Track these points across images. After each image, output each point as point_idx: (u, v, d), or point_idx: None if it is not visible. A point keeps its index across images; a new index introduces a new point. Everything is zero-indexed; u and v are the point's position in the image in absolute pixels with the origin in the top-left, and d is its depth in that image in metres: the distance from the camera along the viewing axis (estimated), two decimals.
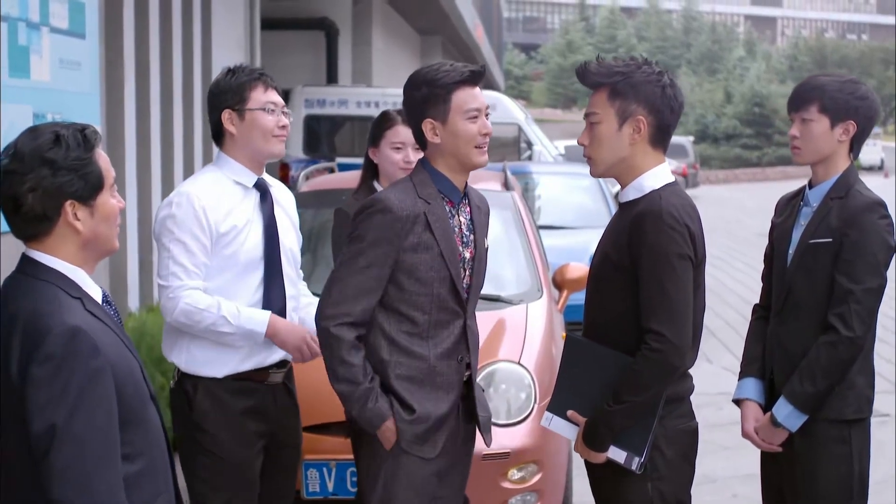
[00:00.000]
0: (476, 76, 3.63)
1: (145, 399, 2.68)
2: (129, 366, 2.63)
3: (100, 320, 2.61)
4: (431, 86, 3.58)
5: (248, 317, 3.87)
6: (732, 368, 10.00)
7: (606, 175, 3.56)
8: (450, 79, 3.58)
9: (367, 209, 3.56)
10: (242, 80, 3.97)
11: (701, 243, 3.45)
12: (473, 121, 3.60)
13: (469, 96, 3.60)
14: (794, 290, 3.87)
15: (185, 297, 3.84)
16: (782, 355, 3.89)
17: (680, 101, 3.51)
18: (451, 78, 3.58)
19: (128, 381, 2.60)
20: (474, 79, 3.62)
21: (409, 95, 3.63)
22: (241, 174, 4.00)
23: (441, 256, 3.57)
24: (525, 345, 5.23)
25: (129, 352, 2.66)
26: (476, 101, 3.61)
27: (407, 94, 3.64)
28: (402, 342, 3.59)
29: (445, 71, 3.59)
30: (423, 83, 3.60)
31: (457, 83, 3.58)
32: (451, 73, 3.59)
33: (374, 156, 4.71)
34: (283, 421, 4.07)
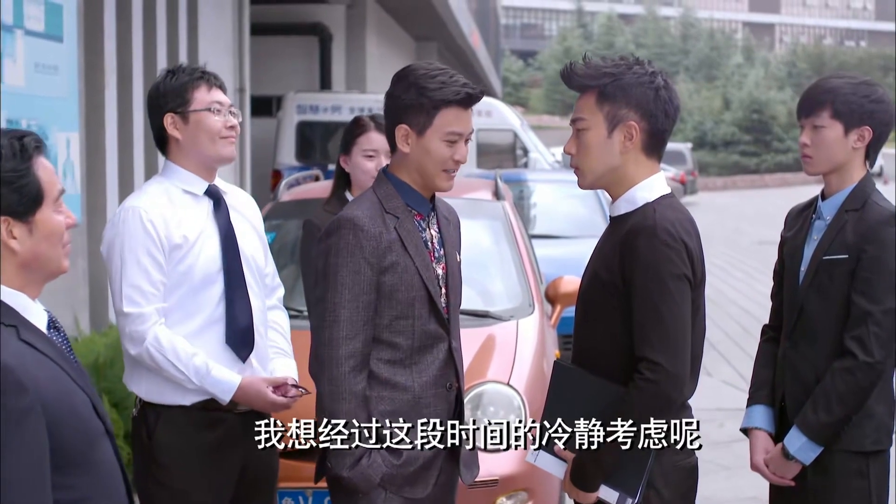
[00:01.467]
0: (471, 100, 3.30)
1: (94, 437, 2.42)
2: (70, 402, 2.36)
3: (38, 351, 2.35)
4: (420, 94, 3.26)
5: (216, 380, 3.57)
6: (733, 382, 9.76)
7: (595, 186, 3.24)
8: (442, 95, 3.25)
9: (335, 232, 3.24)
10: (183, 80, 3.69)
11: (700, 262, 3.13)
12: (451, 145, 3.29)
13: (456, 119, 3.28)
14: (806, 310, 3.58)
15: (150, 337, 3.55)
16: (794, 381, 3.60)
17: (676, 105, 3.18)
18: (443, 94, 3.25)
19: (67, 419, 2.33)
20: (469, 102, 3.30)
21: (394, 93, 3.31)
22: (189, 182, 3.71)
23: (418, 274, 3.27)
24: (515, 364, 4.94)
25: (74, 385, 2.40)
26: (461, 125, 3.29)
27: (392, 91, 3.32)
28: (383, 373, 3.27)
29: (441, 83, 3.26)
30: (413, 87, 3.27)
31: (448, 102, 3.26)
32: (445, 90, 3.26)
33: (346, 164, 4.43)
34: (256, 451, 3.76)
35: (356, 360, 3.21)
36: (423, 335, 3.29)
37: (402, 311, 3.25)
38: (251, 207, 3.91)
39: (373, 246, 3.21)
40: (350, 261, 3.20)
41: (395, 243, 3.25)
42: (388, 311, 3.24)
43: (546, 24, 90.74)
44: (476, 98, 3.30)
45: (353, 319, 3.20)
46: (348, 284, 3.20)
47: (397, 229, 3.26)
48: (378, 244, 3.22)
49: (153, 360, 3.56)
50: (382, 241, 3.23)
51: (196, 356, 3.56)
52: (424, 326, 3.29)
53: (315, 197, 6.08)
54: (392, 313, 3.25)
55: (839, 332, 3.51)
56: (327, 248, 3.24)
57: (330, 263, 3.23)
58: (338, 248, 3.22)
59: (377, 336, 3.25)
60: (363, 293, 3.21)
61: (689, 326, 3.04)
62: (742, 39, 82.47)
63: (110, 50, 8.85)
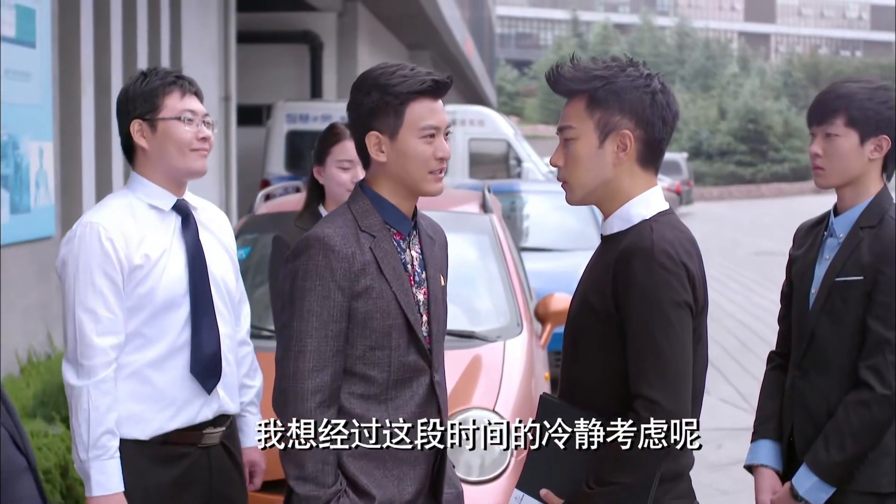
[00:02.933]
0: (440, 87, 2.98)
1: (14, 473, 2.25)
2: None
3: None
4: (383, 92, 2.94)
5: (103, 471, 3.22)
6: (731, 400, 9.48)
7: (586, 202, 2.91)
8: (406, 87, 2.93)
9: (303, 253, 2.91)
10: (155, 84, 3.39)
11: (702, 286, 2.80)
12: (429, 141, 2.96)
13: (427, 111, 2.96)
14: (817, 336, 3.27)
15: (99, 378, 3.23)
16: (804, 414, 3.30)
17: (674, 111, 2.85)
18: (408, 86, 2.93)
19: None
20: (437, 90, 2.98)
21: (355, 100, 3.00)
22: (156, 196, 3.41)
23: (395, 300, 2.94)
24: (501, 389, 4.64)
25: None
26: (435, 118, 2.96)
27: (353, 99, 3.00)
28: (355, 409, 2.93)
29: (402, 76, 2.94)
30: (374, 88, 2.96)
31: (415, 94, 2.94)
32: (409, 81, 2.94)
33: (319, 175, 4.12)
34: (223, 489, 3.46)
35: (324, 394, 2.88)
36: (401, 368, 2.97)
37: (377, 340, 2.94)
38: (223, 225, 3.61)
39: (345, 268, 2.90)
40: (319, 285, 2.89)
41: (369, 265, 2.93)
42: (362, 341, 2.93)
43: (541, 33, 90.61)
44: (444, 85, 2.99)
45: (321, 350, 2.88)
46: (316, 311, 2.89)
47: (373, 250, 2.94)
48: (350, 266, 2.90)
49: (82, 402, 3.24)
50: (356, 262, 2.91)
51: (113, 439, 3.25)
52: (402, 358, 2.97)
53: (294, 210, 5.78)
54: (366, 343, 2.93)
55: (853, 360, 3.20)
56: (294, 270, 2.92)
57: (297, 287, 2.91)
58: (306, 270, 2.90)
59: (349, 368, 2.93)
60: (333, 321, 2.89)
61: (690, 359, 2.72)
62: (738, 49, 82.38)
63: (87, 56, 8.57)
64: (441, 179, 3.02)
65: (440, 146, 2.98)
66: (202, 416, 3.39)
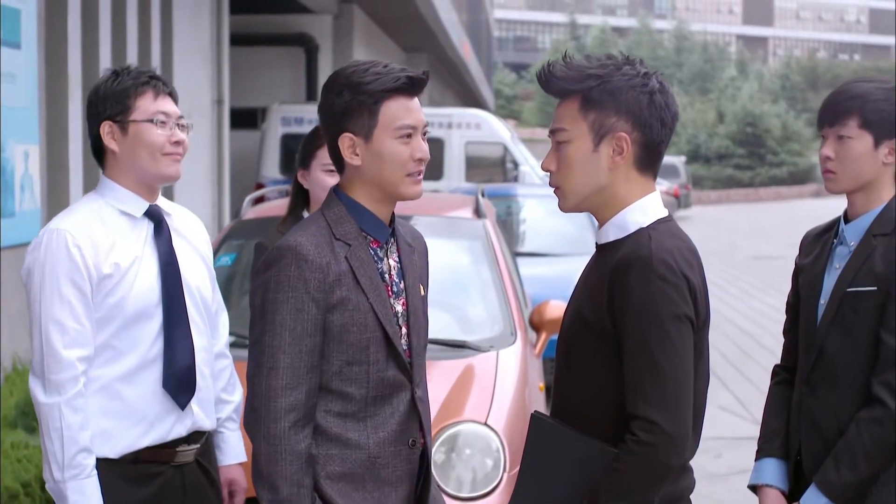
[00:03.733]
0: (415, 84, 2.81)
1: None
2: None
3: None
4: (355, 91, 2.77)
5: (81, 491, 3.05)
6: (730, 408, 9.31)
7: (579, 209, 2.72)
8: (380, 85, 2.76)
9: (275, 263, 2.73)
10: (126, 84, 3.21)
11: (703, 298, 2.63)
12: (405, 141, 2.79)
13: (403, 109, 2.79)
14: (827, 350, 3.10)
15: (71, 394, 3.06)
16: (812, 432, 3.12)
17: (673, 112, 2.68)
18: (381, 84, 2.77)
19: None
20: (412, 87, 2.81)
21: (326, 101, 2.83)
22: (127, 201, 3.24)
23: (372, 312, 2.77)
24: (494, 402, 4.45)
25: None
26: (411, 117, 2.80)
27: (324, 100, 2.83)
28: (332, 428, 2.76)
29: (375, 74, 2.77)
30: (346, 87, 2.78)
31: (389, 91, 2.77)
32: (383, 79, 2.77)
33: (304, 179, 3.95)
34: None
35: (298, 413, 2.71)
36: (379, 383, 2.79)
37: (353, 355, 2.76)
38: (198, 232, 3.44)
39: (318, 279, 2.72)
40: (292, 297, 2.71)
41: (345, 276, 2.75)
42: (338, 356, 2.75)
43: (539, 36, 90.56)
44: (420, 82, 2.81)
45: (294, 366, 2.71)
46: (289, 325, 2.71)
47: (348, 259, 2.77)
48: (325, 277, 2.72)
49: (53, 420, 3.06)
50: (330, 273, 2.73)
51: (88, 457, 3.07)
52: (381, 373, 2.79)
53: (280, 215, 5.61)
54: (342, 358, 2.76)
55: (865, 376, 3.02)
56: (265, 281, 2.74)
57: (268, 300, 2.73)
58: (277, 281, 2.72)
59: (325, 385, 2.76)
60: (307, 335, 2.71)
61: (690, 377, 2.54)
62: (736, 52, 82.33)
63: (75, 58, 8.41)
64: (420, 182, 2.84)
65: (418, 146, 2.81)
66: (175, 432, 3.22)
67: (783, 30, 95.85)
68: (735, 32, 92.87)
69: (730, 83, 64.53)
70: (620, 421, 2.55)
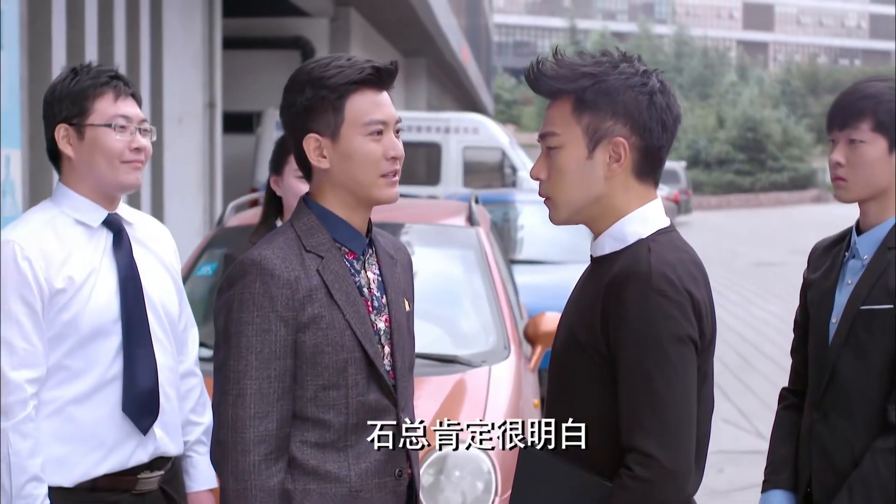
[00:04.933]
0: (382, 75, 2.57)
1: None
2: None
3: None
4: (317, 87, 2.53)
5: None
6: (732, 420, 9.09)
7: (572, 221, 2.50)
8: (343, 78, 2.52)
9: (238, 280, 2.49)
10: (84, 84, 2.99)
11: (709, 317, 2.40)
12: (376, 139, 2.55)
13: (371, 104, 2.55)
14: (839, 373, 2.88)
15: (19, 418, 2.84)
16: (823, 462, 2.90)
17: (675, 113, 2.46)
18: (345, 77, 2.52)
19: None
20: (380, 80, 2.57)
21: (287, 101, 2.59)
22: (83, 210, 3.02)
23: (349, 330, 2.52)
24: (485, 419, 4.23)
25: None
26: (380, 111, 2.56)
27: (285, 100, 2.60)
28: (309, 460, 2.50)
29: (338, 67, 2.53)
30: (308, 84, 2.55)
31: (354, 84, 2.53)
32: (346, 71, 2.53)
33: (277, 186, 3.74)
34: None
35: (269, 445, 2.46)
36: (360, 409, 2.54)
37: (330, 378, 2.51)
38: (164, 242, 3.22)
39: (286, 296, 2.48)
40: (257, 316, 2.47)
41: (316, 291, 2.51)
42: (313, 380, 2.50)
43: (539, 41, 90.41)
44: (388, 73, 2.58)
45: (263, 393, 2.46)
46: (255, 347, 2.47)
47: (320, 272, 2.52)
48: (294, 293, 2.48)
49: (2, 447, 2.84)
50: (300, 288, 2.49)
51: (39, 486, 2.85)
52: (362, 397, 2.54)
53: None
54: (318, 382, 2.51)
55: (881, 401, 2.81)
56: (228, 300, 2.50)
57: (231, 321, 2.49)
58: (241, 300, 2.48)
59: (299, 412, 2.51)
60: (276, 358, 2.47)
61: (692, 405, 2.32)
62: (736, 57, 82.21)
63: (59, 61, 8.19)
64: (395, 184, 2.59)
65: (391, 144, 2.56)
66: (136, 458, 3.00)
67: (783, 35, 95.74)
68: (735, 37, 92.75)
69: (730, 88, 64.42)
70: (618, 452, 2.33)
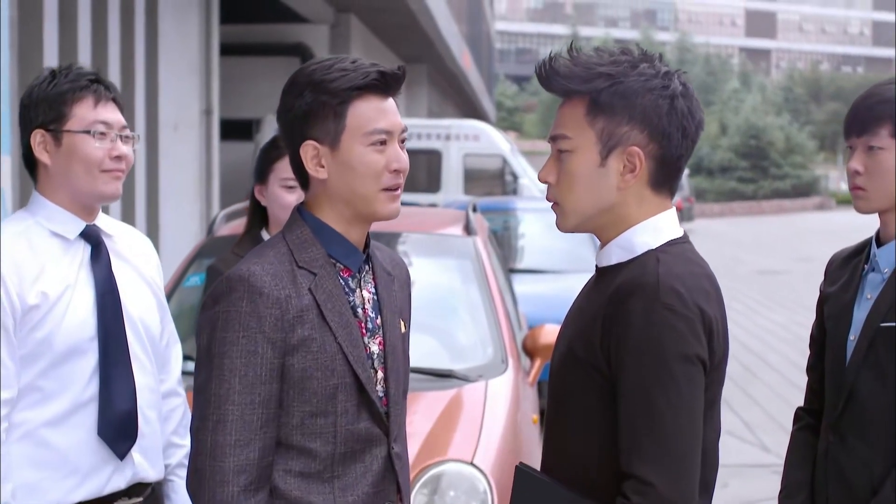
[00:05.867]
0: (389, 81, 2.38)
1: None
2: None
3: None
4: (318, 91, 2.34)
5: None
6: (736, 432, 8.90)
7: (580, 230, 2.32)
8: (347, 82, 2.34)
9: (224, 296, 2.30)
10: (63, 88, 2.80)
11: (720, 336, 2.21)
12: (379, 149, 2.36)
13: (375, 111, 2.36)
14: (857, 394, 2.70)
15: None
16: (841, 487, 2.73)
17: (698, 119, 2.28)
18: (348, 81, 2.34)
19: None
20: (386, 85, 2.38)
21: (285, 105, 2.40)
22: (59, 221, 2.84)
23: (341, 354, 2.33)
24: (482, 438, 4.06)
25: None
26: (385, 120, 2.36)
27: (283, 104, 2.40)
28: (292, 491, 2.32)
29: (341, 70, 2.34)
30: (308, 87, 2.36)
31: (357, 90, 2.35)
32: (350, 75, 2.34)
33: (261, 196, 3.56)
34: None
35: (249, 475, 2.27)
36: (349, 438, 2.35)
37: (318, 405, 2.32)
38: (146, 255, 3.03)
39: (276, 316, 2.29)
40: (243, 337, 2.28)
41: (308, 311, 2.32)
42: (300, 407, 2.31)
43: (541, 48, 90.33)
44: (395, 78, 2.39)
45: (246, 419, 2.27)
46: (240, 370, 2.28)
47: (312, 291, 2.33)
48: (284, 313, 2.29)
49: None
50: (290, 308, 2.30)
51: None
52: (352, 426, 2.35)
53: None
54: (305, 409, 2.32)
55: None
56: (213, 318, 2.31)
57: (215, 340, 2.29)
58: (226, 318, 2.28)
59: (284, 440, 2.32)
60: (261, 382, 2.28)
61: (698, 430, 2.13)
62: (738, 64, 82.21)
63: (51, 64, 8.01)
64: (398, 198, 2.40)
65: (394, 155, 2.37)
66: (113, 485, 2.82)
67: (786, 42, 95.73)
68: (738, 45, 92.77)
69: (732, 95, 64.42)
70: (618, 477, 2.15)
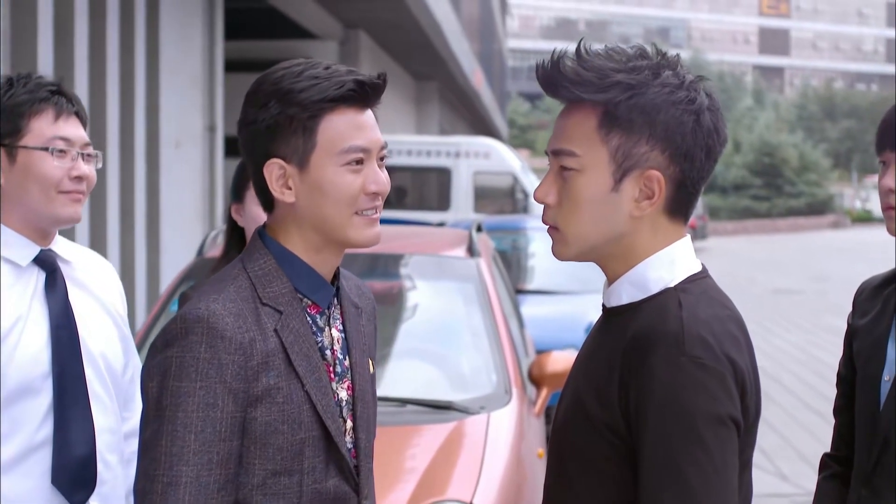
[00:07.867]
0: (367, 91, 2.07)
1: None
2: None
3: None
4: (285, 102, 2.04)
5: None
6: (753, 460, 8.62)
7: (582, 259, 1.99)
8: (318, 93, 2.03)
9: (178, 339, 1.98)
10: (20, 99, 2.56)
11: (753, 389, 1.90)
12: (355, 169, 2.06)
13: (351, 126, 2.05)
14: (893, 443, 2.43)
15: None
16: None
17: (723, 137, 1.95)
18: (320, 92, 2.03)
19: None
20: (364, 97, 2.06)
21: (246, 117, 2.09)
22: (11, 246, 2.59)
23: (309, 404, 2.03)
24: (482, 475, 3.79)
25: None
26: (362, 136, 2.06)
27: (244, 115, 2.10)
28: None
29: (313, 79, 2.03)
30: (273, 97, 2.05)
31: (330, 102, 2.04)
32: (322, 84, 2.03)
33: (238, 215, 3.31)
34: None
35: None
36: (316, 498, 2.05)
37: (283, 463, 2.02)
38: (108, 283, 2.77)
39: (239, 363, 1.98)
40: (201, 387, 1.96)
41: (273, 356, 2.01)
42: (262, 465, 2.01)
43: None
44: (373, 88, 2.07)
45: (202, 482, 1.95)
46: (196, 426, 1.96)
47: (279, 332, 2.03)
48: (247, 360, 1.99)
49: None
50: (255, 353, 1.99)
51: None
52: (318, 484, 2.05)
53: None
54: (268, 467, 2.01)
55: None
56: (164, 363, 1.99)
57: (167, 390, 1.97)
58: (182, 365, 1.97)
59: (243, 501, 2.01)
60: (220, 440, 1.97)
61: (733, 501, 1.82)
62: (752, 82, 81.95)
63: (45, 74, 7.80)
64: (375, 221, 2.10)
65: (372, 176, 2.07)
66: None
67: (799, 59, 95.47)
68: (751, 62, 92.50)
69: (746, 113, 64.15)
70: None
